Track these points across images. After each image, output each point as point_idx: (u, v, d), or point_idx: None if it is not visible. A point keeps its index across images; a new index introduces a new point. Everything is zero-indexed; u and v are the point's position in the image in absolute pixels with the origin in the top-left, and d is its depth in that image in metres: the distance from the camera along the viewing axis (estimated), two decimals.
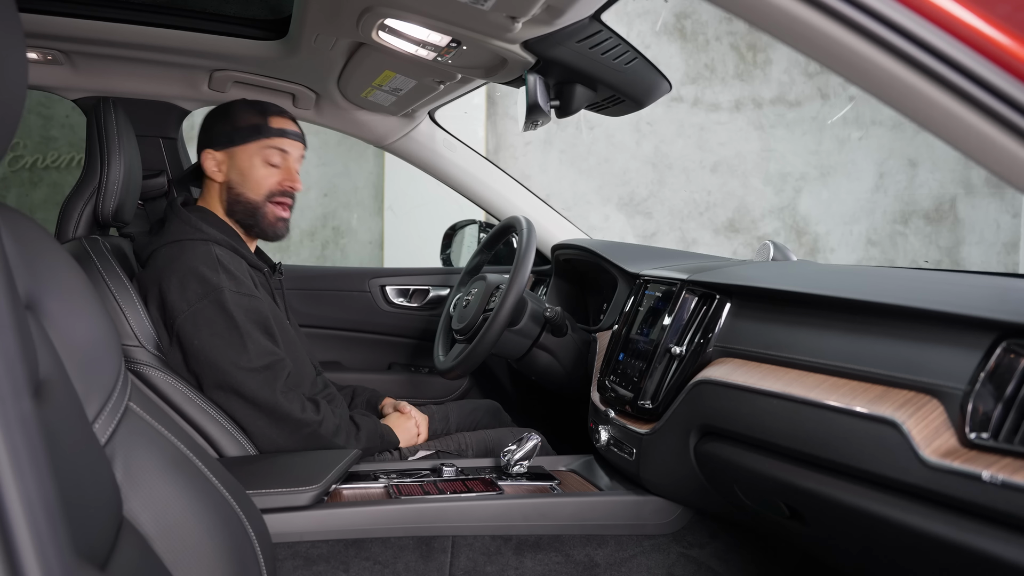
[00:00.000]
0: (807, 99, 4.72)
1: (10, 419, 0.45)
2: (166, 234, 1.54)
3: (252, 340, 1.45)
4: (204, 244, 1.51)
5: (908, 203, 4.80)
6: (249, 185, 1.59)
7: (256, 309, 1.49)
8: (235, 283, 1.48)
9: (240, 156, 1.59)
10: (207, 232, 1.53)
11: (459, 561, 1.29)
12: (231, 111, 1.62)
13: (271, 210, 1.61)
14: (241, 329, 1.44)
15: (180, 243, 1.51)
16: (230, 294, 1.45)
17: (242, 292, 1.48)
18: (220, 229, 1.56)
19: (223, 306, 1.44)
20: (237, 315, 1.45)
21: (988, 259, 4.79)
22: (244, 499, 0.89)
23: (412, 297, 2.32)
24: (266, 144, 1.59)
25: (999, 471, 0.71)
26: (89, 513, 0.64)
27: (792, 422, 0.97)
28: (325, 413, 1.49)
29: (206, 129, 1.63)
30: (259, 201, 1.60)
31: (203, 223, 1.55)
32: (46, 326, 0.67)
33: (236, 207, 1.61)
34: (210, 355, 1.43)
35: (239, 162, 1.59)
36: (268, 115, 1.61)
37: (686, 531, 1.37)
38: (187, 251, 1.49)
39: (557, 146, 4.60)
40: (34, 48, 1.75)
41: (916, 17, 0.62)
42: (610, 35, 1.30)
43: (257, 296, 1.51)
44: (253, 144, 1.59)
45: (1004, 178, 0.65)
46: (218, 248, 1.52)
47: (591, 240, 2.05)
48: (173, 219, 1.56)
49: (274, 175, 1.60)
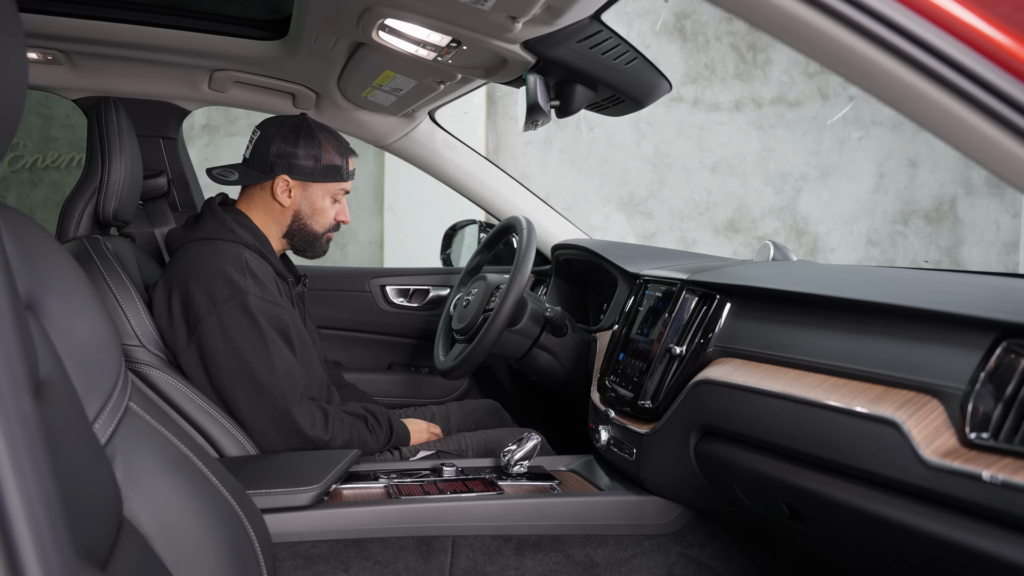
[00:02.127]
0: (807, 99, 4.72)
1: (10, 419, 0.45)
2: (199, 230, 1.56)
3: (275, 346, 1.47)
4: (235, 247, 1.53)
5: (908, 203, 4.80)
6: (316, 219, 1.65)
7: (278, 316, 1.51)
8: (260, 288, 1.50)
9: (316, 191, 1.64)
10: (239, 235, 1.55)
11: (459, 561, 1.29)
12: (320, 146, 1.61)
13: (326, 239, 1.70)
14: (265, 334, 1.46)
15: (212, 242, 1.53)
16: (255, 299, 1.47)
17: (267, 299, 1.50)
18: (253, 234, 1.59)
19: (248, 310, 1.46)
20: (261, 320, 1.47)
21: (988, 259, 4.79)
22: (244, 499, 0.89)
23: (412, 297, 2.32)
24: (341, 187, 1.65)
25: (999, 471, 0.71)
26: (89, 513, 0.64)
27: (792, 422, 0.97)
28: (334, 431, 1.50)
29: (287, 155, 1.60)
30: (320, 232, 1.67)
31: (237, 225, 1.57)
32: (46, 326, 0.67)
33: (297, 234, 1.66)
34: (235, 355, 1.44)
35: (313, 197, 1.64)
36: (347, 156, 1.66)
37: (686, 531, 1.37)
38: (217, 251, 1.51)
39: (557, 146, 4.60)
40: (34, 48, 1.75)
41: (916, 17, 0.62)
42: (610, 35, 1.31)
43: (280, 304, 1.53)
44: (332, 185, 1.64)
45: (1004, 178, 0.65)
46: (248, 252, 1.54)
47: (591, 240, 2.05)
48: (208, 216, 1.58)
49: (335, 210, 1.67)
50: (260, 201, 1.64)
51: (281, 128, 1.62)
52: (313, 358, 1.63)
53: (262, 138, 1.62)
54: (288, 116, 1.65)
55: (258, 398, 1.45)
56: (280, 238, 1.66)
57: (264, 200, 1.64)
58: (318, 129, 1.63)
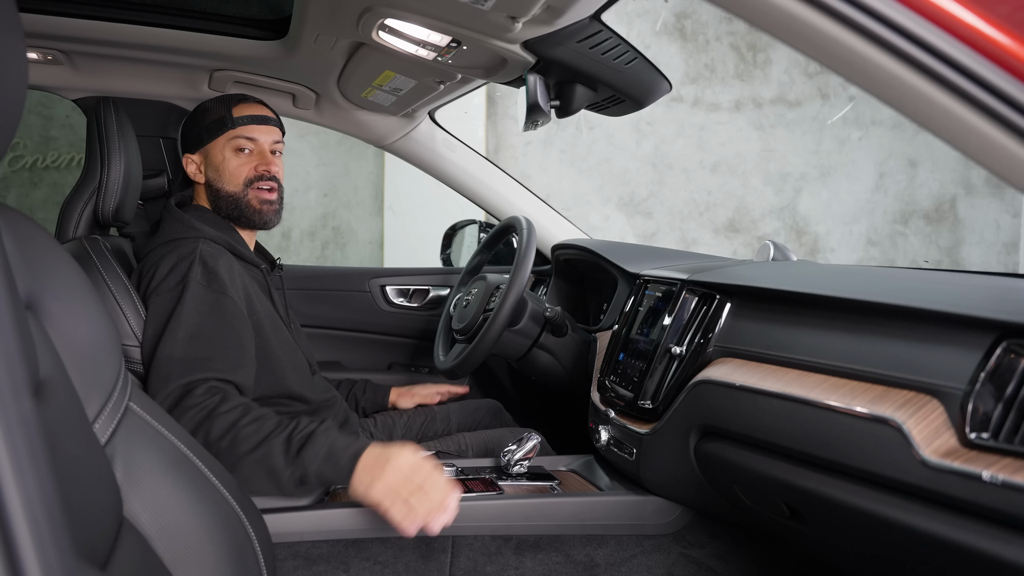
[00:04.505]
0: (807, 99, 4.72)
1: (10, 419, 0.45)
2: (160, 234, 1.53)
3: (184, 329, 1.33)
4: (193, 242, 1.48)
5: (908, 203, 4.80)
6: (225, 178, 1.59)
7: (220, 306, 1.39)
8: (208, 278, 1.41)
9: (212, 152, 1.60)
10: (200, 230, 1.51)
11: (459, 561, 1.29)
12: (198, 111, 1.63)
13: (253, 195, 1.59)
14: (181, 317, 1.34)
15: (174, 242, 1.49)
16: (195, 286, 1.38)
17: (211, 288, 1.40)
18: (215, 226, 1.55)
19: (180, 296, 1.37)
20: (187, 305, 1.36)
21: (988, 259, 4.79)
22: (244, 499, 0.89)
23: (412, 297, 2.32)
24: (232, 135, 1.59)
25: (999, 471, 0.71)
26: (89, 513, 0.64)
27: (792, 422, 0.97)
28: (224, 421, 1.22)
29: (182, 134, 1.65)
30: (238, 192, 1.59)
31: (198, 220, 1.54)
32: (46, 326, 0.67)
33: (220, 203, 1.60)
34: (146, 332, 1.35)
35: (212, 159, 1.60)
36: (231, 105, 1.60)
37: (686, 531, 1.37)
38: (176, 251, 1.47)
39: (557, 146, 4.60)
40: (34, 48, 1.75)
41: (916, 17, 0.62)
42: (610, 35, 1.30)
43: (228, 295, 1.42)
44: (221, 138, 1.59)
45: (1004, 178, 0.65)
46: (206, 245, 1.47)
47: (591, 240, 2.05)
48: (167, 219, 1.55)
49: (247, 162, 1.59)
50: (198, 193, 1.64)
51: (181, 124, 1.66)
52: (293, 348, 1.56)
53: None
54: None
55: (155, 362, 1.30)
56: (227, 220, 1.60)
57: (198, 190, 1.64)
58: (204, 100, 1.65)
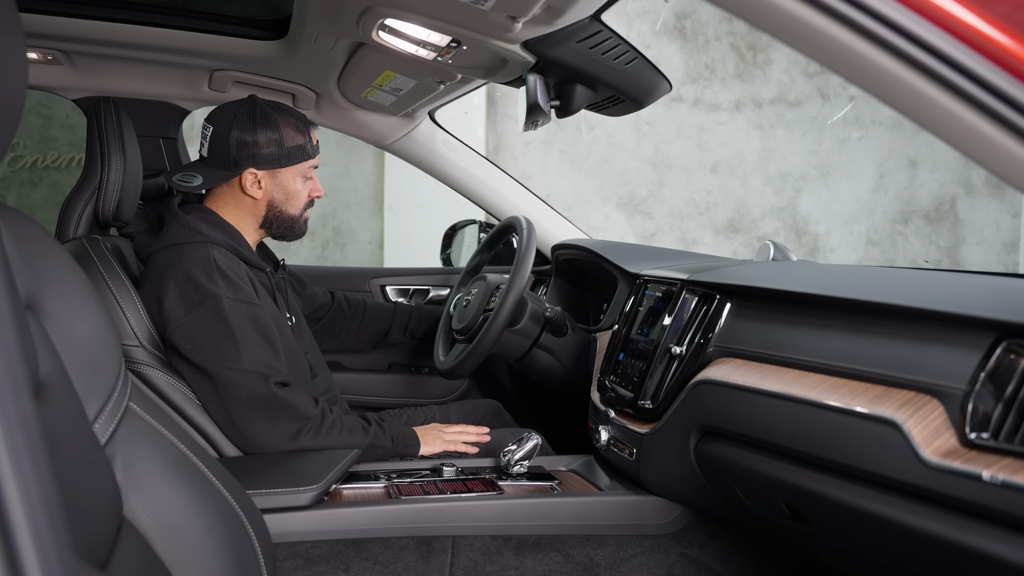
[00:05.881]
0: (807, 99, 4.72)
1: (10, 419, 0.45)
2: (164, 237, 1.52)
3: (246, 347, 1.42)
4: (203, 247, 1.48)
5: (908, 203, 4.80)
6: (291, 203, 1.61)
7: (255, 316, 1.46)
8: (233, 289, 1.45)
9: (285, 176, 1.59)
10: (206, 234, 1.50)
11: (459, 561, 1.29)
12: (279, 129, 1.55)
13: (304, 217, 1.65)
14: (236, 336, 1.42)
15: (179, 247, 1.48)
16: (228, 301, 1.43)
17: (240, 299, 1.45)
18: (222, 230, 1.54)
19: (220, 314, 1.42)
20: (234, 322, 1.42)
21: (988, 259, 4.79)
22: (244, 499, 0.89)
23: (412, 297, 2.32)
24: (310, 164, 1.61)
25: (999, 471, 0.71)
26: (89, 513, 0.64)
27: (792, 422, 0.97)
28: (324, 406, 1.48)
29: (247, 146, 1.54)
30: (297, 215, 1.63)
31: (203, 223, 1.52)
32: (46, 326, 0.67)
33: (274, 222, 1.62)
34: (204, 360, 1.41)
35: (284, 182, 1.59)
36: (309, 132, 1.61)
37: (686, 531, 1.37)
38: (185, 255, 1.46)
39: (557, 146, 4.60)
40: (34, 48, 1.74)
41: (916, 17, 0.62)
42: (610, 35, 1.30)
43: (256, 303, 1.48)
44: (301, 165, 1.60)
45: (1004, 178, 0.65)
46: (217, 251, 1.49)
47: (591, 240, 2.05)
48: (171, 222, 1.53)
49: (307, 187, 1.63)
50: (229, 197, 1.59)
51: (235, 119, 1.54)
52: (296, 350, 1.59)
53: (217, 132, 1.55)
54: (237, 103, 1.57)
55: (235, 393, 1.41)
56: (256, 229, 1.62)
57: (233, 195, 1.59)
58: (273, 110, 1.56)
